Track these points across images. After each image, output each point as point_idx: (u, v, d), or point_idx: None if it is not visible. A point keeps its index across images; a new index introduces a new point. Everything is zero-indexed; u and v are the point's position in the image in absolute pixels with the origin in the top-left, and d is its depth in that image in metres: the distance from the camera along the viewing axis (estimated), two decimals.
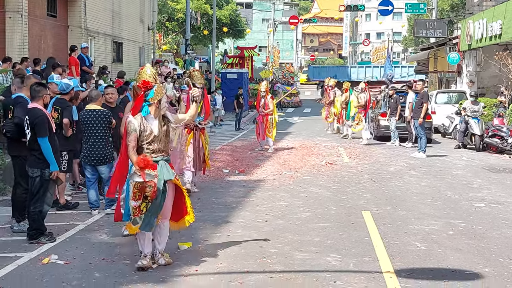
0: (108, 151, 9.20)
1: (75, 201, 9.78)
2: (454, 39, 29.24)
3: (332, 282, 6.10)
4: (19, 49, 17.20)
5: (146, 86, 6.38)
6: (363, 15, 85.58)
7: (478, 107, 17.96)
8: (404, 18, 61.04)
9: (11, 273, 6.31)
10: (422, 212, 9.42)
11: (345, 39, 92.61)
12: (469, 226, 8.60)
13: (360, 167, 14.10)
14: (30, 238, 7.45)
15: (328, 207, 9.75)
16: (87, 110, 9.21)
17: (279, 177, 12.60)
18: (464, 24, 25.83)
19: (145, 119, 6.39)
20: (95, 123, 9.07)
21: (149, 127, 6.38)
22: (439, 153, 16.90)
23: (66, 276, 6.18)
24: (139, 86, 6.43)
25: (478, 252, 7.30)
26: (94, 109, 9.15)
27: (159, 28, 41.01)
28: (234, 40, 56.50)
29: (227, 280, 6.11)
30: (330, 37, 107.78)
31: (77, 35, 21.39)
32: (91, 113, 9.12)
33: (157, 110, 6.45)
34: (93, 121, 9.08)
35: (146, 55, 30.22)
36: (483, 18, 22.62)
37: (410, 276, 6.32)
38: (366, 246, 7.48)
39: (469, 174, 13.31)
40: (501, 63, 21.61)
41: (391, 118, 19.00)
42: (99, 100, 9.33)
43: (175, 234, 7.28)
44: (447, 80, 31.54)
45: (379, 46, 65.32)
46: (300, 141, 19.69)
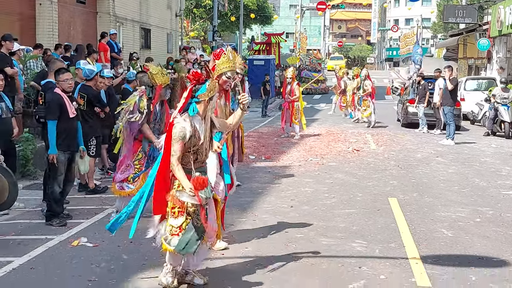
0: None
1: (104, 185, 9.90)
2: (484, 25, 28.77)
3: (357, 268, 6.11)
4: (49, 35, 17.41)
5: (198, 78, 5.32)
6: (391, 1, 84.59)
7: (508, 94, 17.72)
8: (434, 4, 60.19)
9: (42, 255, 6.44)
10: (449, 199, 9.35)
11: (373, 25, 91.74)
12: (497, 213, 8.51)
13: (387, 154, 14.02)
14: (46, 220, 7.64)
15: (354, 193, 9.73)
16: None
17: (304, 163, 12.60)
18: (494, 10, 25.38)
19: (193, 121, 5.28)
20: None
21: (197, 132, 5.30)
22: (467, 140, 16.72)
23: (94, 258, 6.29)
24: (188, 78, 5.42)
25: (506, 240, 7.23)
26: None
27: (187, 15, 41.06)
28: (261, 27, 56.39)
29: (253, 264, 6.16)
30: (358, 23, 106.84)
31: (106, 21, 21.55)
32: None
33: (205, 111, 5.35)
34: None
35: (174, 42, 30.32)
36: None
37: (436, 263, 6.29)
38: (392, 232, 7.46)
39: (497, 162, 13.15)
40: None
41: (419, 105, 18.83)
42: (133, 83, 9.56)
43: None
44: (476, 66, 31.11)
45: (408, 32, 64.45)
46: (326, 127, 19.64)
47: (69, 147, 7.76)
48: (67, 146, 7.72)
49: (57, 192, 7.67)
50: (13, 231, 7.35)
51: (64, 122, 7.63)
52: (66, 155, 7.74)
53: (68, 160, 7.80)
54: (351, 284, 5.65)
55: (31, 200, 8.68)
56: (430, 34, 66.13)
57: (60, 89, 7.68)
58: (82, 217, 8.00)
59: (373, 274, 5.94)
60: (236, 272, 5.91)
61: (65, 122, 7.64)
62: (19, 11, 16.99)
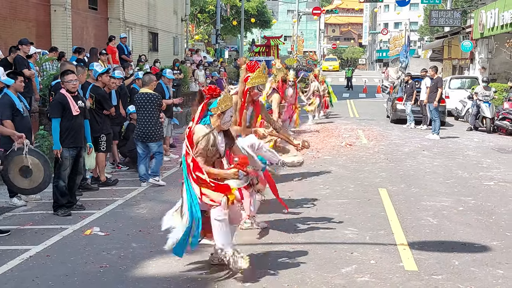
0: (158, 129, 9.48)
1: (114, 178, 9.90)
2: (467, 28, 28.75)
3: (349, 253, 6.11)
4: (63, 39, 17.39)
5: (212, 93, 5.21)
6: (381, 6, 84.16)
7: (489, 92, 17.72)
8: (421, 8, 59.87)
9: (57, 243, 6.44)
10: (434, 190, 9.34)
11: (364, 29, 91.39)
12: (478, 203, 8.51)
13: (377, 148, 14.00)
14: (53, 210, 7.68)
15: (346, 184, 9.72)
16: (141, 93, 9.53)
17: (301, 156, 12.54)
18: (477, 14, 25.36)
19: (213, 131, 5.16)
20: (148, 105, 9.38)
21: (216, 143, 5.23)
22: (451, 135, 16.70)
23: (106, 246, 6.29)
24: (204, 92, 5.26)
25: (487, 227, 7.22)
26: (146, 93, 9.45)
27: (192, 20, 41.00)
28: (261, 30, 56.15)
29: (251, 250, 6.14)
30: (350, 27, 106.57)
31: (116, 26, 21.53)
32: (144, 96, 9.41)
33: (218, 124, 5.22)
34: (146, 103, 9.38)
35: (180, 45, 30.28)
36: (495, 8, 22.18)
37: (422, 248, 6.29)
38: (381, 220, 7.45)
39: (479, 155, 13.13)
40: (511, 51, 21.18)
41: (407, 102, 18.81)
42: (151, 84, 9.58)
43: None
44: (460, 66, 31.06)
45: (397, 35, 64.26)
46: (321, 124, 19.60)
47: (74, 143, 7.72)
48: (72, 143, 7.69)
49: (62, 185, 7.66)
50: (30, 221, 7.35)
51: (68, 120, 7.62)
52: (71, 151, 7.72)
53: (74, 156, 7.79)
54: (344, 268, 5.65)
55: (46, 193, 8.66)
56: (417, 36, 66.04)
57: (65, 89, 7.69)
58: (94, 208, 7.99)
59: (363, 259, 5.94)
60: None
61: (69, 120, 7.63)
62: (35, 18, 16.96)
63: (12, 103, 7.69)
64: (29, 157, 7.20)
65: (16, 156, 7.17)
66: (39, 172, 7.33)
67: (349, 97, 34.41)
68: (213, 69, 24.98)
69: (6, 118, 7.56)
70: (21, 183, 7.33)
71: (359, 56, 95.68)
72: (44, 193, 8.73)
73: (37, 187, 7.50)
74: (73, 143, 7.72)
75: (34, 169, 7.30)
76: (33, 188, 7.50)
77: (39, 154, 7.41)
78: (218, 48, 36.30)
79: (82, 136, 7.93)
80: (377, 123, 20.28)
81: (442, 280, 5.39)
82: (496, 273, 5.59)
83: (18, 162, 7.17)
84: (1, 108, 7.59)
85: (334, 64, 69.06)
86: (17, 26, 15.91)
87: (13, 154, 7.17)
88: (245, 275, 5.41)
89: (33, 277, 5.35)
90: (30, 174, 7.33)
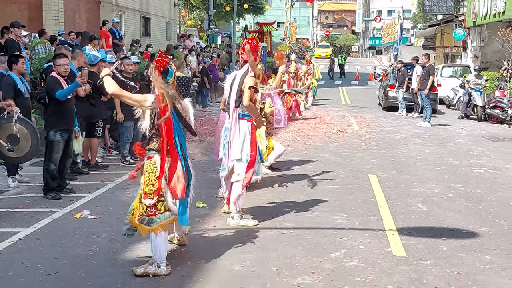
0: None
1: (105, 163, 9.87)
2: (460, 16, 28.75)
3: (338, 238, 6.12)
4: (55, 23, 17.24)
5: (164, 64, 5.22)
6: None
7: (481, 80, 17.75)
8: None
9: (47, 226, 6.42)
10: (424, 177, 9.38)
11: (358, 16, 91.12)
12: (468, 189, 8.55)
13: (369, 135, 14.02)
14: (43, 194, 7.66)
15: (338, 171, 9.73)
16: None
17: (292, 143, 12.57)
18: (469, 2, 25.33)
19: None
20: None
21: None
22: (443, 123, 16.74)
23: (96, 230, 6.28)
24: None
25: (476, 214, 7.27)
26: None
27: (184, 5, 40.66)
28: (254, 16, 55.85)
29: (242, 235, 6.16)
30: (344, 14, 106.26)
31: (109, 10, 21.36)
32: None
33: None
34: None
35: (172, 30, 30.11)
36: None
37: (411, 234, 6.31)
38: (371, 206, 7.48)
39: (470, 142, 13.18)
40: (504, 39, 21.22)
41: (399, 90, 18.82)
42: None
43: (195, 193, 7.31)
44: (452, 55, 31.11)
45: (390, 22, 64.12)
46: (313, 111, 19.59)
47: (66, 126, 7.74)
48: (64, 125, 7.71)
49: (53, 169, 7.65)
50: (20, 204, 7.32)
51: (60, 103, 7.63)
52: (63, 135, 7.72)
53: (66, 139, 7.78)
54: (333, 253, 5.67)
55: (37, 176, 8.63)
56: (411, 24, 65.93)
57: (56, 72, 7.67)
58: (84, 192, 7.97)
59: (353, 244, 5.96)
60: (225, 242, 5.91)
61: (61, 103, 7.63)
62: (26, 0, 16.78)
63: (14, 83, 7.86)
64: (17, 125, 7.15)
65: (5, 123, 7.12)
66: (26, 141, 7.26)
67: (341, 85, 34.40)
68: (206, 54, 24.85)
69: (9, 96, 7.69)
70: (6, 151, 7.26)
71: (352, 44, 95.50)
72: (35, 176, 8.72)
73: (24, 156, 7.42)
74: (65, 125, 7.72)
75: (22, 138, 7.24)
76: (19, 157, 7.43)
77: (28, 124, 7.33)
78: (211, 34, 36.08)
79: (73, 120, 7.91)
80: (369, 110, 20.31)
81: (430, 265, 5.42)
82: (483, 259, 5.63)
83: (6, 129, 7.12)
84: (5, 88, 7.81)
85: (327, 51, 68.89)
86: (8, 9, 15.74)
87: (2, 121, 7.12)
88: (233, 259, 5.42)
89: (22, 260, 5.34)
90: (17, 143, 7.27)
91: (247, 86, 6.34)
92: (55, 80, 7.62)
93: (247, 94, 6.32)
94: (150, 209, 5.01)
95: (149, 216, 5.01)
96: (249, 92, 6.33)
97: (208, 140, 12.38)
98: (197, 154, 10.88)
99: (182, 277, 5.00)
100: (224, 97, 6.84)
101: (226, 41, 43.52)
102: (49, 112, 7.76)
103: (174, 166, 5.02)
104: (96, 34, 15.67)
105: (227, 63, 28.90)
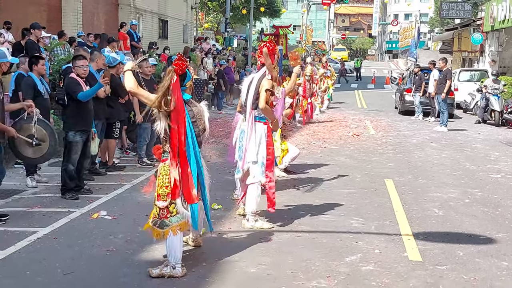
0: None
1: (122, 164, 9.94)
2: (478, 20, 28.51)
3: (354, 242, 6.10)
4: (74, 25, 17.39)
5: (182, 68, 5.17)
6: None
7: (498, 85, 17.61)
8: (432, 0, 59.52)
9: (65, 226, 6.47)
10: (441, 181, 9.31)
11: (374, 20, 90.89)
12: (485, 195, 8.47)
13: (385, 139, 13.96)
14: (61, 194, 7.72)
15: (353, 174, 9.70)
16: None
17: (308, 146, 12.56)
18: (488, 6, 25.13)
19: None
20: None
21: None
22: (460, 128, 16.62)
23: (112, 230, 6.32)
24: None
25: (493, 219, 7.20)
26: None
27: (201, 8, 40.83)
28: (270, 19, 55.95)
29: (257, 237, 6.17)
30: (360, 17, 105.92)
31: (127, 12, 21.51)
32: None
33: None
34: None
35: (189, 33, 30.24)
36: (506, 0, 21.97)
37: (427, 239, 6.27)
38: (387, 211, 7.44)
39: (487, 147, 13.07)
40: None
41: (416, 94, 18.73)
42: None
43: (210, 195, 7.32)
44: (470, 59, 30.88)
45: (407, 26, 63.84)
46: (329, 114, 19.55)
47: (84, 127, 7.81)
48: (83, 126, 7.78)
49: (71, 169, 7.71)
50: (38, 204, 7.39)
51: (80, 104, 7.69)
52: (82, 136, 7.79)
53: (84, 140, 7.86)
54: (348, 257, 5.65)
55: (55, 176, 8.71)
56: (428, 28, 65.57)
57: (75, 73, 7.74)
58: (102, 193, 8.02)
59: (368, 248, 5.94)
60: (241, 244, 5.92)
61: (81, 103, 7.70)
62: (46, 2, 16.98)
63: (34, 84, 7.98)
64: (36, 126, 7.20)
65: (24, 124, 7.18)
66: (45, 142, 7.30)
67: (357, 88, 34.30)
68: (222, 57, 24.92)
69: (29, 97, 7.81)
70: (25, 151, 7.31)
71: (369, 47, 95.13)
72: (53, 176, 8.80)
73: (42, 157, 7.46)
74: (84, 126, 7.79)
75: (40, 139, 7.26)
76: (37, 158, 7.49)
77: (47, 125, 7.37)
78: (227, 37, 36.18)
79: (91, 121, 7.98)
80: (385, 114, 20.23)
81: (447, 270, 5.38)
82: (500, 265, 5.57)
83: (26, 130, 7.19)
84: (25, 88, 7.97)
85: (343, 54, 68.72)
86: (28, 10, 15.91)
87: (22, 122, 7.17)
88: (248, 261, 5.43)
89: (40, 259, 5.39)
90: None
91: (263, 88, 6.36)
92: (76, 81, 7.69)
93: (263, 96, 6.33)
94: (162, 211, 5.03)
95: (161, 219, 5.03)
96: (266, 95, 6.35)
97: (224, 142, 12.41)
98: (213, 156, 10.92)
99: (198, 279, 5.02)
100: (240, 100, 6.85)
101: (242, 44, 43.60)
102: (68, 113, 7.83)
103: (185, 170, 5.04)
104: (114, 36, 15.80)
105: (243, 66, 28.93)
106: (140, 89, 5.24)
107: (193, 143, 5.10)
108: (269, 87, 6.35)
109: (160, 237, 5.07)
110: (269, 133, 6.58)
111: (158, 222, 5.04)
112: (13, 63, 7.90)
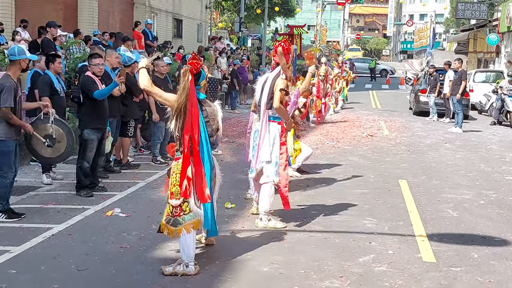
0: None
1: (136, 162, 9.98)
2: (494, 21, 28.28)
3: (367, 243, 6.08)
4: (89, 23, 17.50)
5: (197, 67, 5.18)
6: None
7: None
8: (447, 0, 59.13)
9: (79, 223, 6.52)
10: (455, 183, 9.25)
11: (389, 20, 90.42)
12: (500, 196, 8.40)
13: (399, 139, 13.89)
14: (76, 191, 7.77)
15: (367, 175, 9.66)
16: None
17: (321, 146, 12.53)
18: (504, 7, 24.91)
19: None
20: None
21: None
22: (474, 129, 16.49)
23: (126, 227, 6.35)
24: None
25: (508, 221, 7.13)
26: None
27: (216, 7, 40.88)
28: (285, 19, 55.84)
29: (270, 236, 6.16)
30: (375, 18, 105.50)
31: (142, 11, 21.60)
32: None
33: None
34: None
35: (204, 32, 30.29)
36: None
37: (441, 240, 6.23)
38: (400, 211, 7.40)
39: (502, 149, 12.96)
40: None
41: (430, 95, 18.61)
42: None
43: (223, 194, 7.35)
44: (485, 60, 30.62)
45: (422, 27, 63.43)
46: (342, 114, 19.50)
47: (100, 125, 7.86)
48: (98, 124, 7.83)
49: (86, 166, 7.75)
50: (53, 200, 7.45)
51: (95, 102, 7.74)
52: (97, 134, 7.84)
53: (99, 138, 7.91)
54: (361, 258, 5.62)
55: (70, 174, 8.77)
56: (443, 29, 65.13)
57: (91, 72, 7.79)
58: (116, 190, 8.07)
59: (382, 249, 5.91)
60: (254, 243, 5.92)
61: (96, 102, 7.75)
62: (62, 0, 17.10)
63: (51, 82, 8.06)
64: (54, 126, 7.25)
65: (41, 123, 7.23)
66: (62, 142, 7.36)
67: (371, 88, 34.17)
68: (236, 56, 24.94)
69: (45, 95, 7.89)
70: (43, 151, 7.37)
71: (383, 47, 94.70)
72: (68, 174, 8.86)
73: (59, 156, 7.51)
74: (99, 124, 7.84)
75: (57, 139, 7.33)
76: (55, 157, 7.54)
77: (64, 125, 7.42)
78: (241, 36, 36.20)
79: (106, 118, 8.04)
80: (399, 114, 20.13)
81: (461, 272, 5.34)
82: None
83: (42, 130, 7.24)
84: (42, 86, 8.05)
85: (357, 55, 68.53)
86: (45, 9, 16.03)
87: (39, 122, 7.23)
88: (261, 260, 5.43)
89: (55, 255, 5.42)
90: (53, 143, 7.35)
91: (278, 88, 6.35)
92: (91, 80, 7.74)
93: (278, 96, 6.32)
94: (175, 210, 5.04)
95: (174, 217, 5.05)
96: (280, 95, 6.34)
97: (237, 141, 12.42)
98: (226, 155, 10.93)
99: (211, 277, 5.03)
100: (254, 99, 6.85)
101: (256, 44, 43.56)
102: (83, 111, 7.88)
103: (198, 170, 5.05)
104: (129, 35, 15.87)
105: (257, 66, 28.94)
106: (155, 87, 5.26)
107: (206, 142, 5.11)
108: (284, 86, 6.34)
109: (173, 235, 5.08)
110: (283, 132, 6.57)
111: (171, 220, 5.05)
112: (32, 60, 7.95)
